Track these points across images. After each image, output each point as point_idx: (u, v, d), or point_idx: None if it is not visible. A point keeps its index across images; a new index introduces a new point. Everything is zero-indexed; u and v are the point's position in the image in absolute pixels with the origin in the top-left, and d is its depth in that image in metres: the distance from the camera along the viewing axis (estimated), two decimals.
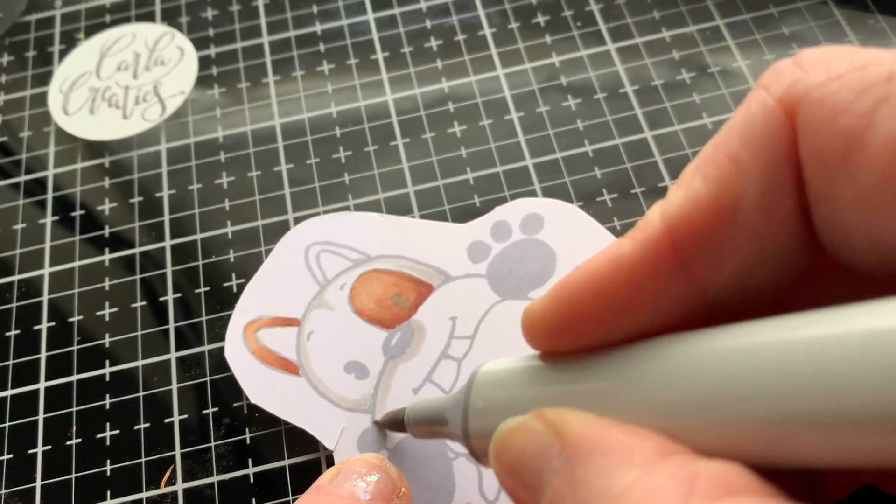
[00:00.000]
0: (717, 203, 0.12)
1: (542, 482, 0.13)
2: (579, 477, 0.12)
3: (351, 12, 0.37)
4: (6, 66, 0.37)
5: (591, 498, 0.11)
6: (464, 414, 0.17)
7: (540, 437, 0.13)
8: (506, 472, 0.14)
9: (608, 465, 0.12)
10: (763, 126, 0.12)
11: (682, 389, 0.12)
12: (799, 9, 0.35)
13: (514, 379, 0.16)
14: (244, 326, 0.27)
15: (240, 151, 0.33)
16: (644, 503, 0.11)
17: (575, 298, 0.14)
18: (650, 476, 0.11)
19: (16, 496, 0.26)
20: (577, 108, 0.33)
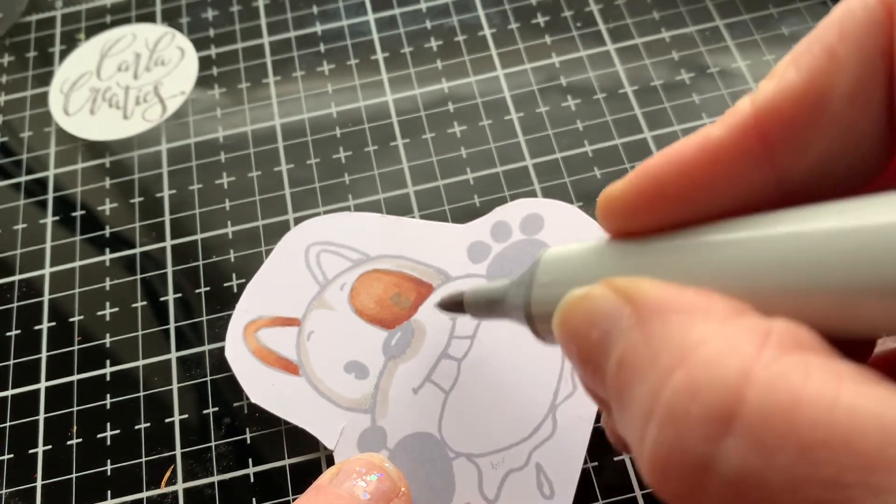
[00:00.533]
0: (809, 92, 0.13)
1: (611, 343, 0.13)
2: (653, 332, 0.12)
3: (351, 13, 0.37)
4: (7, 67, 0.37)
5: (667, 349, 0.12)
6: (527, 291, 0.17)
7: (610, 302, 0.13)
8: (571, 337, 0.14)
9: (684, 320, 0.12)
10: (862, 21, 0.13)
11: (756, 263, 0.12)
12: (798, 9, 0.35)
13: (583, 256, 0.16)
14: (244, 326, 0.27)
15: (240, 152, 0.33)
16: (721, 351, 0.11)
17: (659, 176, 0.14)
18: (726, 328, 0.11)
19: (17, 496, 0.26)
20: (577, 109, 0.33)
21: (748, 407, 0.10)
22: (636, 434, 0.12)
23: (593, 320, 0.13)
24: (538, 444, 0.25)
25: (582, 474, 0.24)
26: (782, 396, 0.10)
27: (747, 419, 0.10)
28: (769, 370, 0.10)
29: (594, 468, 0.25)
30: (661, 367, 0.11)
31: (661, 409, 0.11)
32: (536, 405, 0.25)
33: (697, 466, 0.11)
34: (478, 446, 0.25)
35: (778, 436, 0.10)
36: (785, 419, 0.10)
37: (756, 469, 0.10)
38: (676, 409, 0.11)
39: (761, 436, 0.10)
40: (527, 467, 0.24)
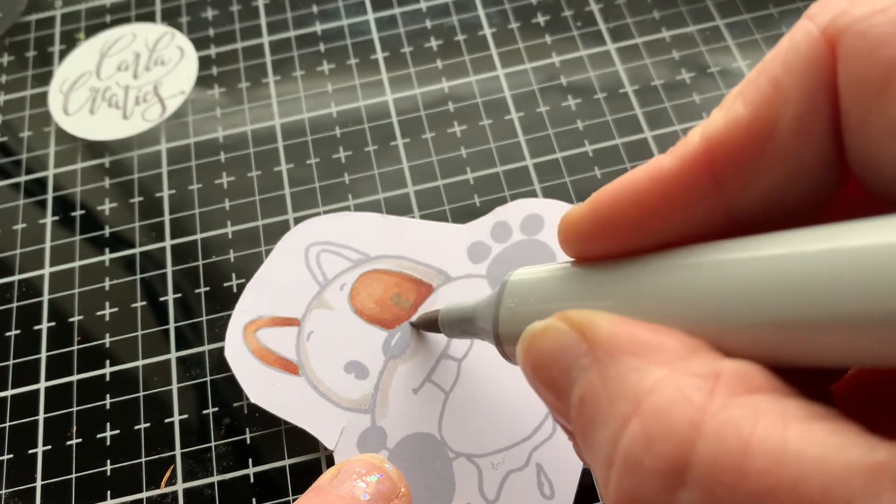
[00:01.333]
0: (756, 125, 0.13)
1: (571, 380, 0.14)
2: (609, 375, 0.13)
3: (351, 12, 0.37)
4: (6, 67, 0.37)
5: (622, 395, 0.12)
6: (495, 313, 0.18)
7: (567, 338, 0.14)
8: (534, 371, 0.15)
9: (637, 363, 0.12)
10: (805, 54, 0.13)
11: (705, 291, 0.13)
12: (798, 9, 0.35)
13: (547, 280, 0.17)
14: (244, 326, 0.27)
15: (240, 151, 0.33)
16: (672, 399, 0.11)
17: (612, 205, 0.15)
18: (676, 374, 0.12)
19: (16, 496, 0.26)
20: (577, 108, 0.33)
21: (699, 458, 0.11)
22: (601, 477, 0.13)
23: (553, 357, 0.14)
24: (538, 444, 0.25)
25: (582, 474, 0.24)
26: (731, 445, 0.11)
27: (699, 471, 0.11)
28: (718, 418, 0.11)
29: None
30: (618, 414, 0.12)
31: (619, 459, 0.12)
32: (536, 405, 0.25)
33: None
34: (478, 446, 0.25)
35: (728, 486, 0.10)
36: (734, 469, 0.10)
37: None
38: (632, 461, 0.12)
39: (713, 487, 0.11)
40: (527, 467, 0.24)
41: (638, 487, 0.11)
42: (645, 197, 0.14)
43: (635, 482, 0.11)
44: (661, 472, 0.11)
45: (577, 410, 0.13)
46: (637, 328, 0.13)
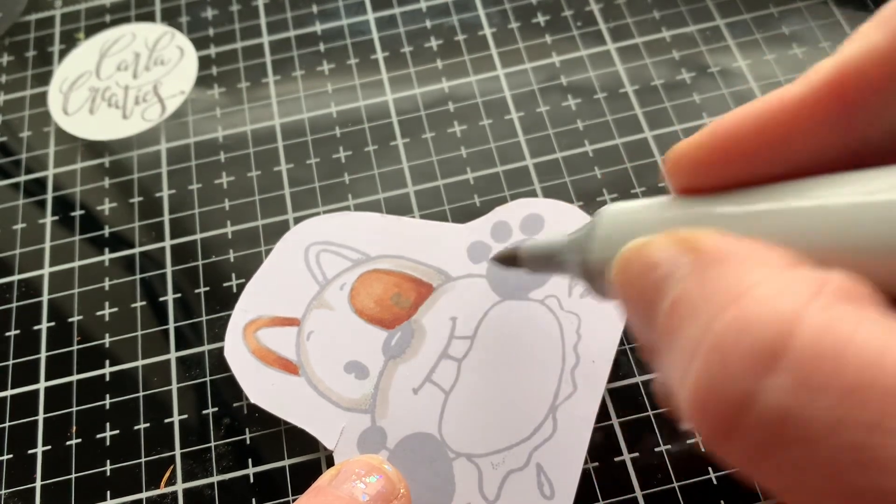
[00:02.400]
0: (894, 55, 0.13)
1: (667, 286, 0.13)
2: (709, 276, 0.12)
3: (351, 12, 0.37)
4: (6, 66, 0.37)
5: (721, 290, 0.12)
6: (587, 242, 0.17)
7: (671, 249, 0.13)
8: (628, 280, 0.14)
9: (740, 267, 0.12)
10: None
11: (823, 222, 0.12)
12: (799, 8, 0.35)
13: (644, 210, 0.16)
14: (244, 326, 0.27)
15: (240, 151, 0.33)
16: (775, 292, 0.11)
17: (733, 133, 0.14)
18: (782, 274, 0.11)
19: (16, 496, 0.26)
20: (578, 108, 0.33)
21: (797, 344, 0.10)
22: (679, 371, 0.12)
23: (653, 265, 0.13)
24: (538, 444, 0.25)
25: (582, 474, 0.24)
26: (831, 339, 0.10)
27: (794, 357, 0.10)
28: (820, 315, 0.10)
29: (594, 468, 0.25)
30: (714, 305, 0.11)
31: (708, 343, 0.11)
32: (536, 405, 0.25)
33: (740, 398, 0.11)
34: (478, 446, 0.25)
35: (824, 375, 0.10)
36: (833, 359, 0.10)
37: (797, 408, 0.10)
38: (724, 343, 0.11)
39: (807, 375, 0.10)
40: (527, 467, 0.24)
41: (724, 370, 0.11)
42: (770, 124, 0.14)
43: (723, 362, 0.11)
44: (754, 354, 0.10)
45: (668, 313, 0.13)
46: (743, 241, 0.13)
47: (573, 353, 0.26)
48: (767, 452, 0.11)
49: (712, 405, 0.11)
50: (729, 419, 0.11)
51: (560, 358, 0.26)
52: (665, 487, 0.25)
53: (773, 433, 0.10)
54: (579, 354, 0.26)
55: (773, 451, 0.10)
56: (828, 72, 0.14)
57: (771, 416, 0.10)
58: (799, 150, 0.14)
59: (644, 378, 0.26)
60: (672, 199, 0.16)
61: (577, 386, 0.25)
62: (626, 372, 0.27)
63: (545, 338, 0.26)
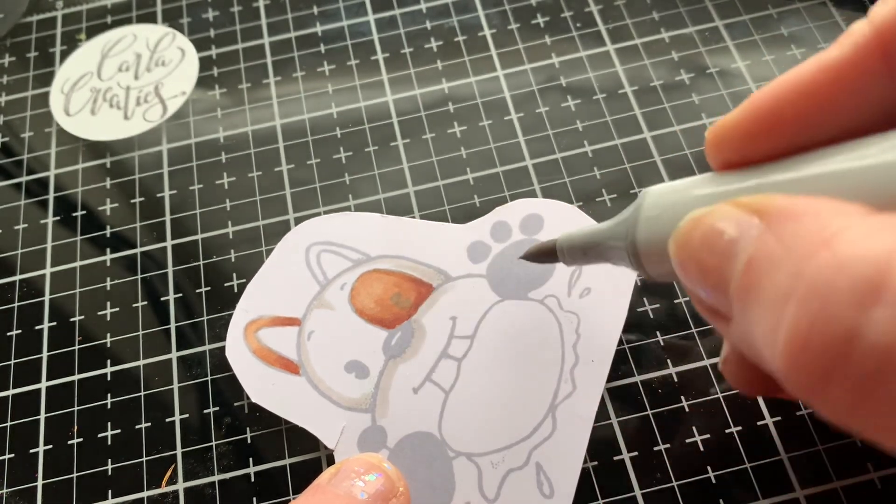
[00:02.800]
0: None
1: (737, 250, 0.13)
2: (787, 231, 0.12)
3: (351, 13, 0.37)
4: (8, 67, 0.37)
5: (805, 240, 0.11)
6: (633, 224, 0.17)
7: (736, 214, 0.13)
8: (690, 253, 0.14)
9: (819, 218, 0.12)
10: None
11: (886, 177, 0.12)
12: (797, 9, 0.35)
13: (692, 187, 0.16)
14: (245, 326, 0.27)
15: (241, 152, 0.33)
16: (866, 233, 0.11)
17: (777, 101, 0.14)
18: (866, 220, 0.11)
19: (17, 495, 0.26)
20: (577, 109, 0.33)
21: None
22: (769, 323, 0.12)
23: (718, 231, 0.13)
24: (538, 443, 0.25)
25: (582, 474, 0.24)
26: None
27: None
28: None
29: (594, 467, 0.25)
30: (801, 252, 0.11)
31: (804, 286, 0.11)
32: (536, 404, 0.25)
33: (843, 336, 0.10)
34: (478, 446, 0.25)
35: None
36: None
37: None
38: (821, 283, 0.11)
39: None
40: (527, 467, 0.25)
41: (825, 309, 0.11)
42: (813, 89, 0.14)
43: (823, 303, 0.11)
44: (855, 290, 0.10)
45: (743, 273, 0.12)
46: (814, 199, 0.12)
47: (572, 353, 0.26)
48: (873, 390, 0.10)
49: (814, 347, 0.11)
50: (832, 358, 0.11)
51: (559, 357, 0.26)
52: (664, 486, 0.25)
53: (880, 368, 0.10)
54: (578, 354, 0.26)
55: (879, 389, 0.10)
56: (865, 32, 0.14)
57: (877, 349, 0.10)
58: (845, 112, 0.14)
59: (643, 377, 0.26)
60: (716, 174, 0.15)
61: (577, 385, 0.26)
62: (626, 371, 0.27)
63: (545, 337, 0.26)
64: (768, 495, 0.24)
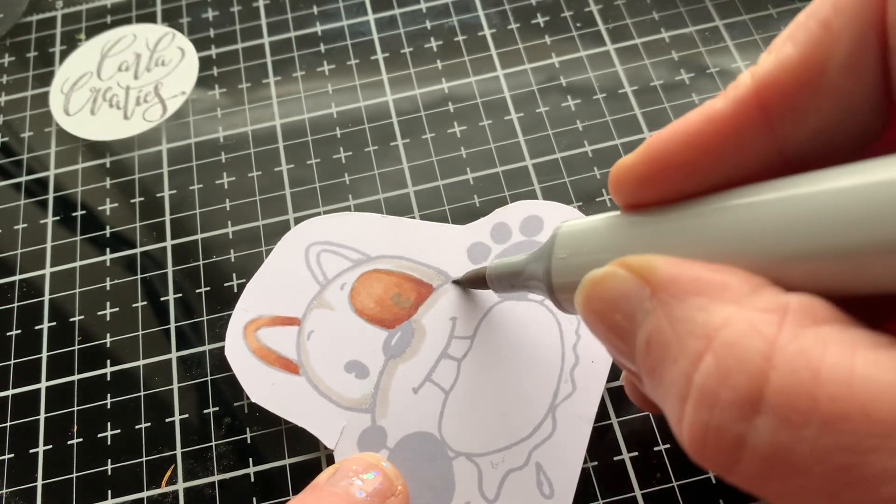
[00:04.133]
0: (806, 64, 0.14)
1: (636, 323, 0.14)
2: (676, 315, 0.13)
3: (351, 13, 0.37)
4: (7, 67, 0.37)
5: (692, 333, 0.13)
6: (547, 265, 0.18)
7: (628, 284, 0.14)
8: (596, 318, 0.15)
9: (703, 302, 0.13)
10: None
11: (764, 228, 0.13)
12: (797, 9, 0.35)
13: (598, 229, 0.17)
14: (245, 326, 0.27)
15: (240, 152, 0.33)
16: (743, 333, 0.12)
17: (666, 148, 0.15)
18: (745, 309, 0.12)
19: (17, 495, 0.26)
20: (577, 109, 0.33)
21: (772, 387, 0.11)
22: (674, 413, 0.13)
23: (615, 302, 0.14)
24: (538, 443, 0.25)
25: (581, 474, 0.24)
26: (803, 375, 0.11)
27: (772, 399, 0.11)
28: (788, 349, 0.11)
29: (594, 467, 0.25)
30: (690, 351, 0.12)
31: (694, 394, 0.12)
32: (536, 405, 0.25)
33: (732, 443, 0.12)
34: (478, 446, 0.25)
35: (802, 412, 0.11)
36: (806, 396, 0.11)
37: (785, 443, 0.11)
38: (708, 393, 0.12)
39: (786, 413, 0.11)
40: (526, 467, 0.25)
41: (715, 418, 0.12)
42: (699, 138, 0.15)
43: (712, 414, 0.12)
44: (737, 403, 0.12)
45: (644, 352, 0.14)
46: (698, 268, 0.13)
47: (572, 353, 0.26)
48: (767, 483, 0.12)
49: (710, 447, 0.12)
50: (727, 460, 0.12)
51: (559, 358, 0.26)
52: (664, 486, 0.25)
53: (768, 468, 0.11)
54: (578, 354, 0.26)
55: (772, 482, 0.11)
56: (747, 85, 0.14)
57: (763, 454, 0.11)
58: (730, 160, 0.15)
59: None
60: (622, 215, 0.16)
61: (577, 386, 0.26)
62: None
63: (544, 338, 0.26)
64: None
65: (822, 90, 0.14)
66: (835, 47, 0.14)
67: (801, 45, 0.14)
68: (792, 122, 0.14)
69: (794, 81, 0.14)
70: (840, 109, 0.14)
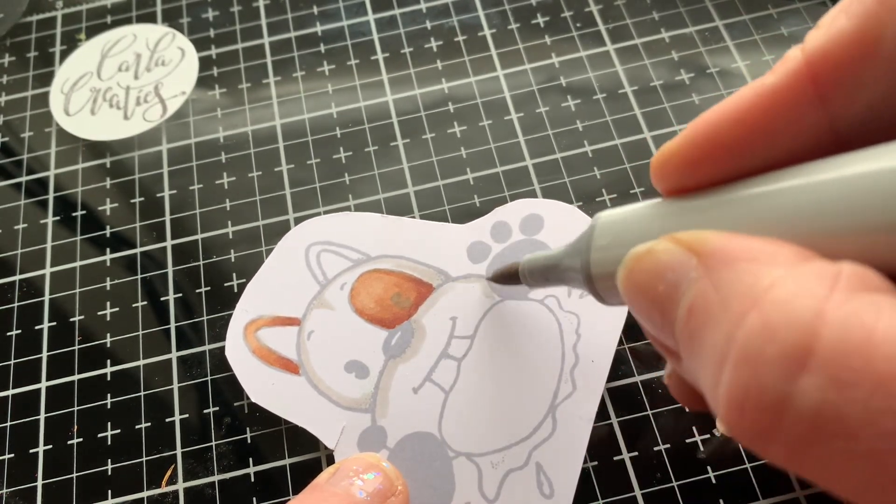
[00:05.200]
0: (860, 36, 0.13)
1: (679, 293, 0.13)
2: (722, 279, 0.12)
3: (351, 13, 0.37)
4: (7, 67, 0.37)
5: (738, 294, 0.12)
6: (585, 254, 0.17)
7: (676, 254, 0.14)
8: (638, 291, 0.14)
9: (752, 267, 0.12)
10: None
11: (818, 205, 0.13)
12: (797, 9, 0.35)
13: (639, 216, 0.16)
14: (245, 326, 0.27)
15: (240, 152, 0.33)
16: (793, 292, 0.11)
17: (714, 129, 0.15)
18: (796, 272, 0.12)
19: (17, 495, 0.26)
20: (577, 109, 0.33)
21: (823, 344, 0.11)
22: (710, 378, 0.12)
23: (660, 272, 0.14)
24: (538, 443, 0.25)
25: (581, 473, 0.24)
26: (856, 333, 0.10)
27: (823, 356, 0.10)
28: (841, 309, 0.11)
29: (594, 467, 0.25)
30: (734, 311, 0.12)
31: (736, 351, 0.11)
32: (536, 405, 0.25)
33: (775, 403, 0.11)
34: (478, 446, 0.25)
35: (854, 371, 0.10)
36: (860, 355, 0.10)
37: (833, 404, 0.10)
38: (752, 350, 0.11)
39: (837, 371, 0.10)
40: (527, 467, 0.25)
41: (757, 377, 0.11)
42: (749, 115, 0.14)
43: (754, 371, 0.11)
44: (783, 359, 0.11)
45: (685, 319, 0.13)
46: (749, 239, 0.13)
47: (572, 353, 0.26)
48: (808, 449, 0.11)
49: (749, 410, 0.11)
50: (767, 423, 0.11)
51: (559, 357, 0.26)
52: (664, 486, 0.25)
53: (812, 431, 0.11)
54: (578, 354, 0.26)
55: (814, 448, 0.11)
56: (798, 59, 0.14)
57: (808, 416, 0.11)
58: (781, 139, 0.14)
59: (643, 377, 0.26)
60: (663, 201, 0.16)
61: (577, 385, 0.26)
62: (626, 371, 0.27)
63: (545, 338, 0.26)
64: (768, 495, 0.24)
65: (876, 62, 0.13)
66: (890, 19, 0.13)
67: (856, 17, 0.13)
68: (845, 97, 0.14)
69: (848, 54, 0.14)
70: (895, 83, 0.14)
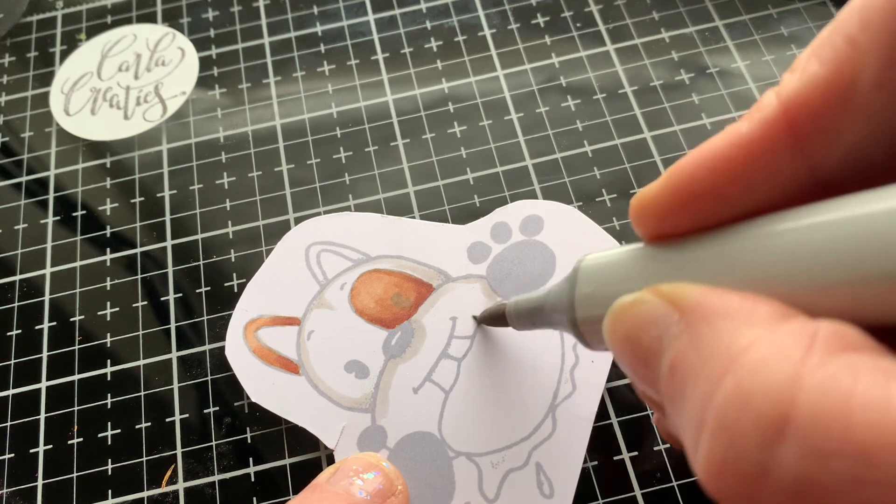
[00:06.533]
0: (834, 83, 0.13)
1: (662, 348, 0.13)
2: (702, 338, 0.12)
3: (351, 13, 0.37)
4: (8, 67, 0.37)
5: (716, 354, 0.12)
6: (570, 299, 0.17)
7: (657, 308, 0.13)
8: (622, 343, 0.14)
9: (731, 326, 0.12)
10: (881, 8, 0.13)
11: (796, 255, 0.12)
12: (797, 9, 0.35)
13: (622, 262, 0.16)
14: (245, 326, 0.27)
15: (241, 152, 0.33)
16: (768, 355, 0.11)
17: (691, 176, 0.14)
18: (773, 333, 0.11)
19: (17, 495, 0.26)
20: (577, 109, 0.33)
21: (800, 412, 0.10)
22: (690, 440, 0.12)
23: (643, 326, 0.14)
24: (538, 443, 0.25)
25: (581, 473, 0.25)
26: (834, 400, 0.10)
27: (800, 425, 0.10)
28: (818, 373, 0.10)
29: (594, 467, 0.25)
30: (711, 373, 0.12)
31: (712, 418, 0.11)
32: (536, 405, 0.25)
33: (753, 473, 0.11)
34: (478, 445, 0.25)
35: (834, 440, 0.10)
36: (839, 423, 0.10)
37: (813, 474, 0.10)
38: (728, 418, 0.11)
39: (816, 441, 0.10)
40: (526, 466, 0.25)
41: (733, 446, 0.11)
42: (726, 164, 0.14)
43: (731, 441, 0.11)
44: (759, 428, 0.10)
45: (668, 376, 0.13)
46: (728, 295, 0.13)
47: (572, 353, 0.26)
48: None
49: (728, 478, 0.11)
50: (746, 490, 0.11)
51: (559, 358, 0.26)
52: (664, 486, 0.25)
53: (791, 498, 0.10)
54: (578, 354, 0.26)
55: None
56: (773, 106, 0.14)
57: (788, 486, 0.10)
58: (759, 186, 0.14)
59: None
60: (645, 247, 0.16)
61: (577, 385, 0.26)
62: None
63: (545, 338, 0.26)
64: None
65: (853, 108, 0.13)
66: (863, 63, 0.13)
67: (828, 63, 0.13)
68: (823, 143, 0.14)
69: (823, 100, 0.13)
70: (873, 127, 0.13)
